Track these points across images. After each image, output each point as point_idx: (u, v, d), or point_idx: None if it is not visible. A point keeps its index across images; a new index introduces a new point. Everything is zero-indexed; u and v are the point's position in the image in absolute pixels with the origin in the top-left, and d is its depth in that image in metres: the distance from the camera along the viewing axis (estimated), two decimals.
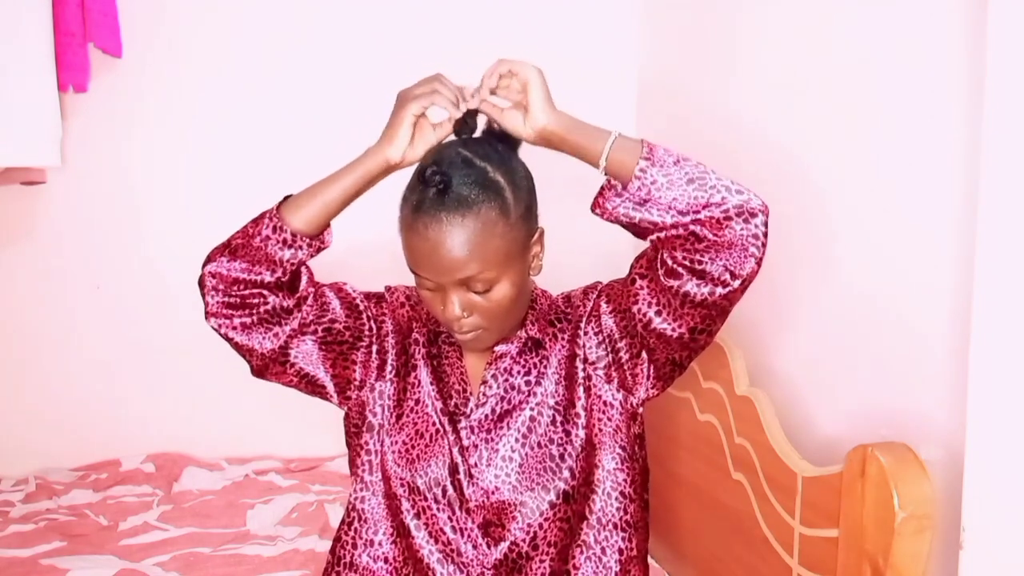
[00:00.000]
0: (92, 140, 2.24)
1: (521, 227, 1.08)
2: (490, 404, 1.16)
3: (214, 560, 1.80)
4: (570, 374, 1.17)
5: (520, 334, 1.18)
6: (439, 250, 1.03)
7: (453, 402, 1.18)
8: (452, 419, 1.16)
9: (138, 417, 2.33)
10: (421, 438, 1.16)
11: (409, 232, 1.06)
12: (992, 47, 0.99)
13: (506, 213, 1.06)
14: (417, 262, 1.07)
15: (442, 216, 1.03)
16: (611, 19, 2.40)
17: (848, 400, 1.43)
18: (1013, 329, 0.97)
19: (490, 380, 1.17)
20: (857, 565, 1.16)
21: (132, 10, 2.20)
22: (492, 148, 1.10)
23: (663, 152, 1.02)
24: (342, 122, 2.34)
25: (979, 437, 1.01)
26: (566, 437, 1.15)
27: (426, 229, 1.04)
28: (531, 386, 1.17)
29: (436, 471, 1.15)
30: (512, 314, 1.13)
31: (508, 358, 1.18)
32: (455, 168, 1.05)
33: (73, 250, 2.28)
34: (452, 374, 1.19)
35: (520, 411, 1.16)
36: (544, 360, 1.18)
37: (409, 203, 1.06)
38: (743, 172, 1.78)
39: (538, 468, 1.13)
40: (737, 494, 1.48)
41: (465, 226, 1.03)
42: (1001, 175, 0.98)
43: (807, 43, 1.58)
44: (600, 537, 1.15)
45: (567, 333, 1.18)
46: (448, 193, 1.03)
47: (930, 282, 1.24)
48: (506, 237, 1.06)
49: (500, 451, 1.14)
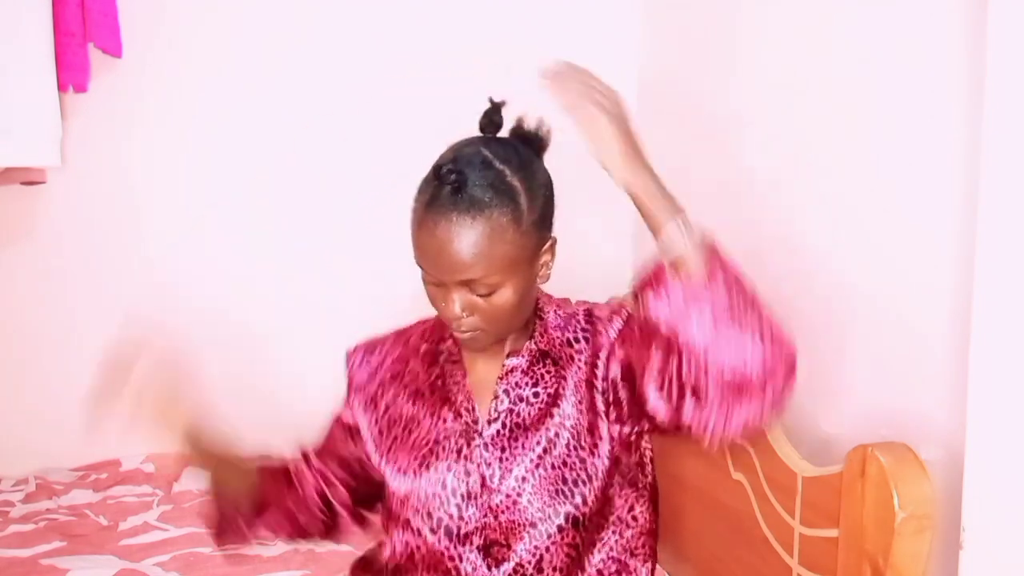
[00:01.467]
0: (92, 140, 2.24)
1: (532, 235, 1.06)
2: (502, 419, 1.13)
3: (214, 560, 1.79)
4: (590, 400, 1.13)
5: (530, 346, 1.16)
6: (446, 249, 1.02)
7: (463, 420, 1.15)
8: (460, 439, 1.14)
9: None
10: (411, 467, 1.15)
11: (418, 227, 1.05)
12: (992, 47, 0.99)
13: (518, 219, 1.04)
14: (423, 257, 1.06)
15: (452, 216, 1.01)
16: (611, 19, 2.41)
17: (848, 400, 1.43)
18: (1013, 329, 0.97)
19: (501, 395, 1.14)
20: (857, 565, 1.16)
21: (132, 10, 2.20)
22: (514, 151, 1.08)
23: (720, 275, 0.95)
24: (342, 122, 2.34)
25: (979, 437, 1.01)
26: (581, 464, 1.11)
27: (435, 226, 1.02)
28: (541, 400, 1.14)
29: (429, 497, 1.13)
30: (513, 320, 1.11)
31: (519, 372, 1.15)
32: (472, 168, 1.03)
33: (73, 250, 2.28)
34: (458, 393, 1.17)
35: (537, 430, 1.12)
36: (561, 379, 1.15)
37: (422, 197, 1.05)
38: (743, 172, 1.79)
39: (551, 490, 1.10)
40: (737, 494, 1.48)
41: (474, 228, 1.01)
42: (1001, 175, 0.98)
43: (807, 43, 1.57)
44: (610, 569, 1.13)
45: (585, 355, 1.15)
46: (462, 193, 1.01)
47: (930, 282, 1.24)
48: (515, 244, 1.04)
49: (514, 470, 1.11)
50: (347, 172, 2.35)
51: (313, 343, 2.34)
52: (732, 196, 1.83)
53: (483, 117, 1.09)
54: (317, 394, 1.61)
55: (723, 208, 1.89)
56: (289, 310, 2.36)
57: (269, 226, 2.34)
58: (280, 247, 2.35)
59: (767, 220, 1.69)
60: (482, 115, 1.10)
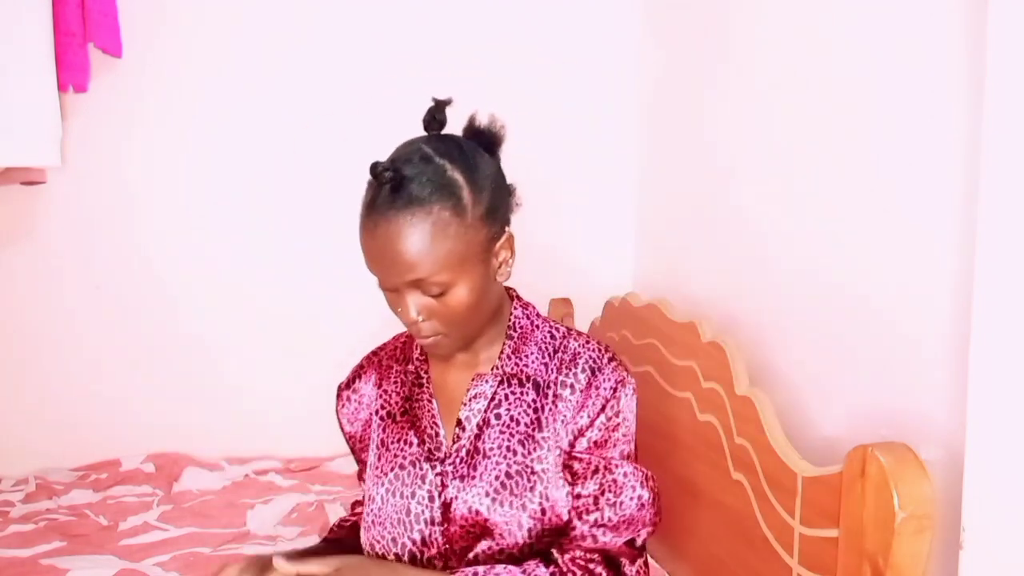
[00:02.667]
0: (92, 140, 2.24)
1: (481, 229, 1.04)
2: (466, 447, 1.12)
3: (214, 560, 1.79)
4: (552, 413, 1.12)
5: (496, 371, 1.14)
6: (389, 250, 1.00)
7: (427, 447, 1.14)
8: (425, 464, 1.13)
9: (138, 417, 2.33)
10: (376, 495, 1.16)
11: (362, 231, 1.04)
12: (992, 47, 0.99)
13: (461, 214, 1.01)
14: (371, 262, 1.05)
15: (391, 215, 0.99)
16: (611, 19, 2.41)
17: (848, 400, 1.43)
18: (1013, 330, 0.97)
19: (464, 422, 1.13)
20: (857, 565, 1.16)
21: (132, 10, 2.20)
22: (456, 145, 1.07)
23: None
24: (342, 122, 2.34)
25: (979, 437, 1.01)
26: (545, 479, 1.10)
27: (375, 228, 1.01)
28: (504, 423, 1.12)
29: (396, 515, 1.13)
30: (473, 320, 1.08)
31: (482, 399, 1.13)
32: (410, 165, 1.01)
33: (73, 250, 2.28)
34: (423, 417, 1.16)
35: (500, 452, 1.11)
36: (532, 404, 1.12)
37: (364, 200, 1.04)
38: (742, 172, 1.79)
39: (515, 504, 1.09)
40: (737, 494, 1.48)
41: (416, 226, 0.99)
42: (1001, 175, 0.98)
43: (807, 43, 1.58)
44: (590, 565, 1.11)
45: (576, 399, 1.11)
46: (400, 191, 1.00)
47: (930, 282, 1.24)
48: (462, 239, 1.01)
49: (477, 492, 1.10)
50: (347, 172, 2.34)
51: (313, 343, 2.35)
52: (731, 196, 1.83)
53: (426, 115, 1.08)
54: (319, 393, 1.61)
55: (721, 208, 1.90)
56: (289, 309, 2.37)
57: (269, 226, 2.35)
58: (280, 247, 2.35)
59: (766, 220, 1.69)
60: (425, 113, 1.08)
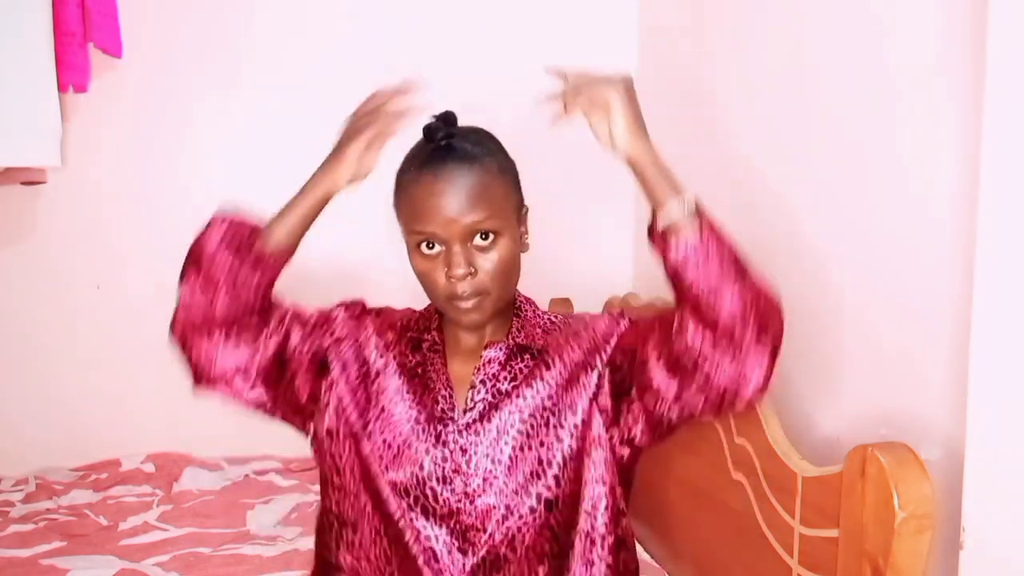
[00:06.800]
0: (92, 140, 2.24)
1: (515, 192, 1.15)
2: (478, 409, 1.15)
3: (214, 560, 1.80)
4: (576, 381, 1.15)
5: (508, 340, 1.18)
6: (447, 198, 1.08)
7: (440, 407, 1.16)
8: (438, 424, 1.15)
9: (138, 417, 2.33)
10: (389, 448, 1.15)
11: (414, 187, 1.10)
12: (992, 47, 0.99)
13: (504, 172, 1.13)
14: (422, 217, 1.09)
15: (450, 166, 1.09)
16: (611, 19, 2.41)
17: (848, 400, 1.43)
18: (1013, 329, 0.97)
19: (479, 385, 1.16)
20: (857, 565, 1.16)
21: (132, 10, 2.20)
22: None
23: None
24: (342, 122, 2.34)
25: (979, 437, 1.01)
26: (557, 443, 1.13)
27: (434, 180, 1.08)
28: (518, 389, 1.16)
29: (407, 478, 1.13)
30: (509, 281, 1.14)
31: (495, 364, 1.17)
32: (456, 129, 1.12)
33: (73, 250, 2.28)
34: (437, 380, 1.18)
35: (511, 415, 1.14)
36: (540, 365, 1.17)
37: (415, 161, 1.12)
38: (744, 172, 1.79)
39: (525, 472, 1.12)
40: (737, 494, 1.48)
41: (471, 175, 1.09)
42: (1001, 175, 0.98)
43: (807, 42, 1.58)
44: (589, 553, 1.14)
45: (583, 342, 1.17)
46: (452, 148, 1.10)
47: (930, 282, 1.24)
48: (506, 192, 1.12)
49: (490, 454, 1.13)
50: None
51: None
52: (730, 194, 1.83)
53: (437, 120, 1.13)
54: None
55: (721, 205, 1.89)
56: None
57: None
58: None
59: (765, 219, 1.69)
60: (436, 119, 1.13)
